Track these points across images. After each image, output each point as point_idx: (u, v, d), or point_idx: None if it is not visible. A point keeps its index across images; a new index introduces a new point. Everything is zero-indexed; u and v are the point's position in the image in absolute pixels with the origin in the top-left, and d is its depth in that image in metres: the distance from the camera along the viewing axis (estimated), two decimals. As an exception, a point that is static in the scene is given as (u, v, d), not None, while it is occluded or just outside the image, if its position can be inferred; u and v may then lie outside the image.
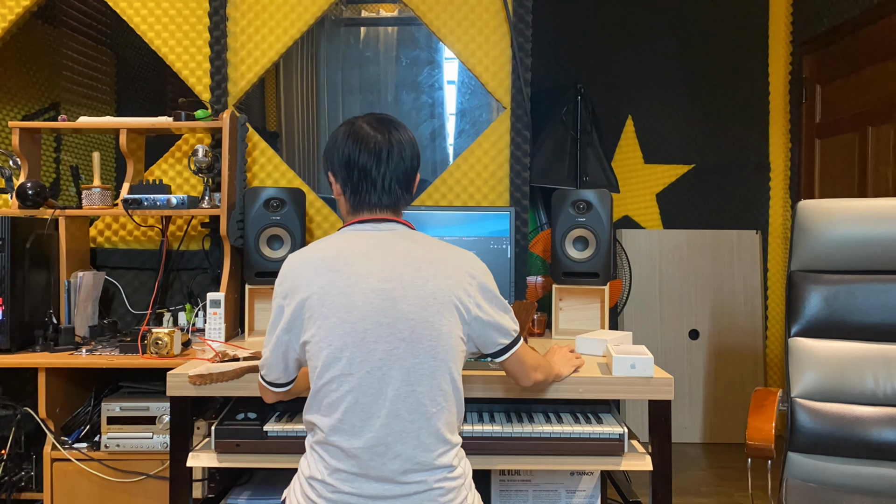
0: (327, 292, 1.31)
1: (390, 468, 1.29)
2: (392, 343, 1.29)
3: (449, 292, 1.33)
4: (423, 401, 1.30)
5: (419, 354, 1.30)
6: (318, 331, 1.30)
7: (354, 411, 1.29)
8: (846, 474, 1.87)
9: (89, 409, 2.32)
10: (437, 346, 1.31)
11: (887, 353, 1.91)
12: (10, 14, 2.67)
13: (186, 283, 2.69)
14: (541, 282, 2.61)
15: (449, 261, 1.37)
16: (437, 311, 1.31)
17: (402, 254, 1.35)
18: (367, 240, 1.37)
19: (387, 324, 1.29)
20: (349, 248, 1.35)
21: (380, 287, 1.31)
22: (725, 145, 3.83)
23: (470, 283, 1.36)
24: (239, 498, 2.09)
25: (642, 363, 1.76)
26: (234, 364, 1.83)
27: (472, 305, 1.36)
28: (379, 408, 1.29)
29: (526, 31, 2.66)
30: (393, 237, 1.38)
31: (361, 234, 1.39)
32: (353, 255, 1.34)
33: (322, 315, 1.30)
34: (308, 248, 1.40)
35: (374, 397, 1.29)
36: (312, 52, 3.87)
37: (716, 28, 3.81)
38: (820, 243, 2.00)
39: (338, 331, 1.29)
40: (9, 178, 2.51)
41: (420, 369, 1.30)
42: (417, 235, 1.42)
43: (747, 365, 3.72)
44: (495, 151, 2.70)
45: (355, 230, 1.40)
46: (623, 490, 2.11)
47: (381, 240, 1.37)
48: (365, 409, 1.29)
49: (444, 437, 1.33)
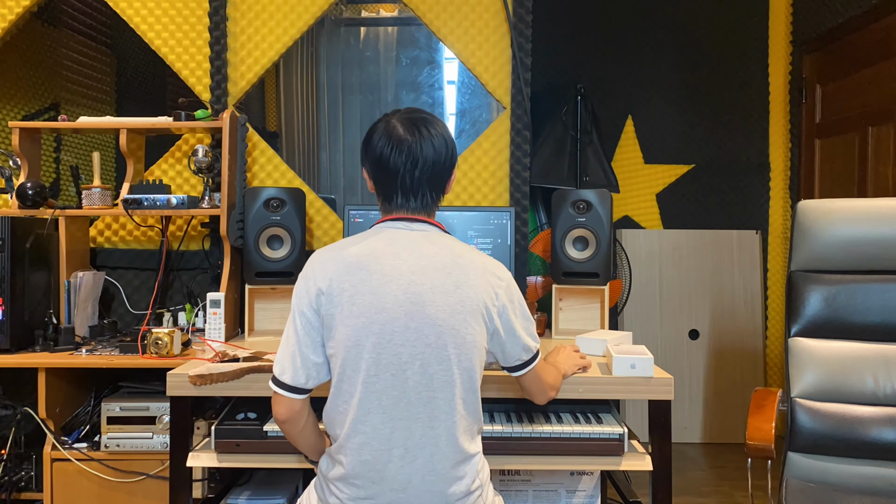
0: (358, 291, 1.29)
1: (407, 472, 1.29)
2: (418, 348, 1.28)
3: (477, 300, 1.32)
4: (442, 408, 1.29)
5: (443, 361, 1.29)
6: (346, 329, 1.29)
7: (377, 413, 1.29)
8: (846, 474, 1.87)
9: (89, 409, 2.32)
10: (461, 354, 1.30)
11: (887, 353, 1.91)
12: (10, 14, 2.67)
13: (186, 283, 2.69)
14: (541, 282, 2.61)
15: (478, 268, 1.35)
16: (465, 319, 1.30)
17: (432, 256, 1.33)
18: (399, 239, 1.36)
19: (414, 328, 1.28)
20: (381, 247, 1.34)
21: (410, 290, 1.30)
22: (725, 145, 3.83)
23: (498, 293, 1.35)
24: (239, 498, 2.09)
25: (642, 363, 1.76)
26: (234, 364, 1.83)
27: (496, 316, 1.35)
28: (400, 411, 1.29)
29: (526, 31, 2.66)
30: (424, 238, 1.37)
31: (394, 232, 1.37)
32: (384, 255, 1.32)
33: (352, 314, 1.29)
34: (339, 244, 1.38)
35: (396, 400, 1.29)
36: (312, 52, 3.87)
37: (716, 28, 3.81)
38: (820, 243, 1.99)
39: (366, 331, 1.28)
40: (9, 178, 2.51)
41: (443, 376, 1.29)
42: (448, 239, 1.40)
43: (747, 365, 3.72)
44: (495, 151, 2.70)
45: (387, 227, 1.39)
46: (623, 490, 2.11)
47: (413, 240, 1.36)
48: (386, 411, 1.29)
49: (461, 447, 1.32)
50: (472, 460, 1.35)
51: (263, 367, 1.79)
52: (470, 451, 1.34)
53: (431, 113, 1.41)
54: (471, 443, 1.35)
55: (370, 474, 1.29)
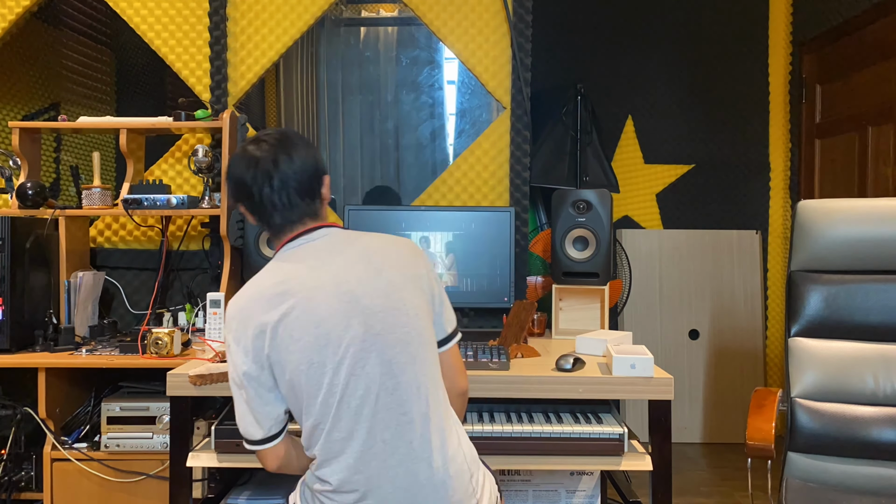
0: (290, 316, 1.26)
1: (392, 462, 1.26)
2: (367, 341, 1.27)
3: (404, 276, 1.34)
4: (409, 390, 1.28)
5: (395, 345, 1.28)
6: (294, 356, 1.25)
7: (347, 418, 1.26)
8: (846, 474, 1.87)
9: (89, 409, 2.32)
10: (410, 330, 1.30)
11: (887, 353, 1.91)
12: (10, 14, 2.67)
13: (186, 283, 2.69)
14: (541, 282, 2.61)
15: (392, 247, 1.37)
16: (400, 297, 1.31)
17: (345, 254, 1.33)
18: (306, 254, 1.33)
19: (357, 323, 1.27)
20: (293, 269, 1.31)
21: (339, 290, 1.28)
22: (725, 145, 3.83)
23: (418, 261, 1.38)
24: (239, 498, 2.09)
25: (642, 363, 1.76)
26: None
27: (427, 282, 1.38)
28: (369, 408, 1.26)
29: (526, 31, 2.66)
30: (329, 242, 1.35)
31: (297, 250, 1.35)
32: (298, 274, 1.30)
33: (293, 339, 1.25)
34: (249, 285, 1.33)
35: (363, 398, 1.26)
36: (312, 52, 3.87)
37: (716, 28, 3.81)
38: (820, 243, 1.99)
39: (313, 348, 1.25)
40: (9, 178, 2.51)
41: (400, 358, 1.28)
42: (352, 233, 1.40)
43: (747, 365, 3.72)
44: (495, 151, 2.70)
45: (290, 249, 1.36)
46: (623, 490, 2.11)
47: (320, 248, 1.34)
48: (357, 411, 1.26)
49: (440, 425, 1.30)
50: (453, 434, 1.33)
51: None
52: (447, 426, 1.32)
53: (281, 130, 1.40)
54: (447, 419, 1.33)
55: (356, 477, 1.27)
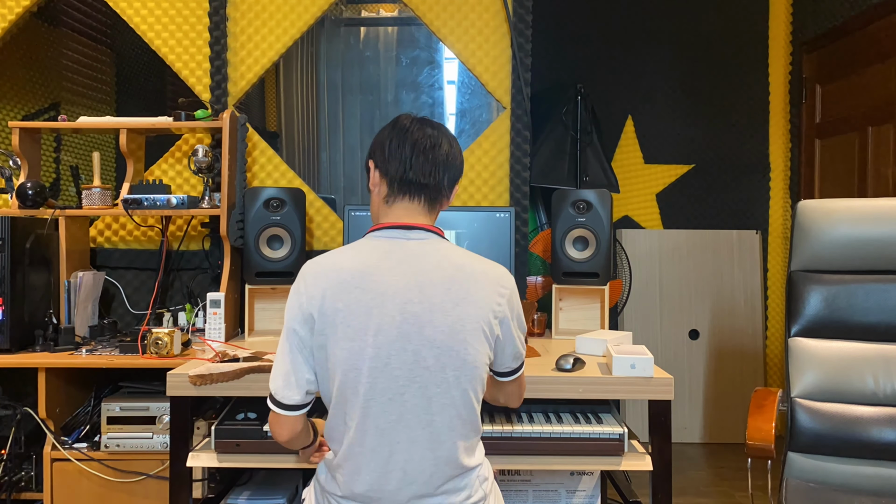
0: (352, 311, 1.24)
1: (406, 493, 1.27)
2: (415, 371, 1.24)
3: (478, 318, 1.27)
4: (442, 430, 1.26)
5: (441, 384, 1.25)
6: (342, 352, 1.24)
7: (374, 436, 1.25)
8: (846, 474, 1.87)
9: (89, 409, 2.32)
10: (461, 375, 1.26)
11: (887, 353, 1.91)
12: (10, 14, 2.67)
13: (186, 283, 2.69)
14: (541, 282, 2.61)
15: (480, 279, 1.30)
16: (464, 339, 1.25)
17: (430, 271, 1.27)
18: (394, 251, 1.29)
19: (412, 350, 1.24)
20: (375, 261, 1.27)
21: (407, 309, 1.24)
22: (725, 145, 3.83)
23: (501, 302, 1.31)
24: (239, 498, 2.09)
25: (642, 363, 1.76)
26: (234, 364, 1.83)
27: (496, 327, 1.30)
28: (398, 434, 1.25)
29: (526, 31, 2.66)
30: (422, 248, 1.30)
31: (389, 242, 1.31)
32: (379, 270, 1.26)
33: (346, 336, 1.24)
34: (332, 255, 1.31)
35: (395, 423, 1.25)
36: (312, 52, 3.87)
37: (716, 28, 3.81)
38: (820, 243, 1.99)
39: (362, 354, 1.23)
40: (9, 178, 2.51)
41: (441, 399, 1.25)
42: (448, 248, 1.33)
43: (747, 365, 3.72)
44: (495, 151, 2.70)
45: (382, 237, 1.32)
46: (623, 490, 2.11)
47: (410, 252, 1.29)
48: (384, 434, 1.25)
49: (461, 463, 1.30)
50: (472, 473, 1.33)
51: (263, 367, 1.79)
52: (470, 465, 1.32)
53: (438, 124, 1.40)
54: (471, 458, 1.33)
55: (369, 493, 1.27)
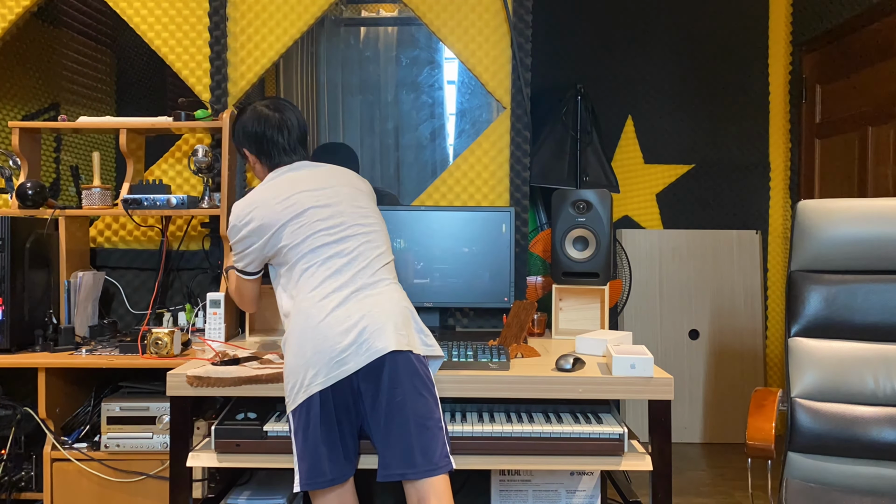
0: (299, 201, 1.74)
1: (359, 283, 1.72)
2: (354, 218, 1.78)
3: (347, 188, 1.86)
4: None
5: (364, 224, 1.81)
6: (307, 215, 1.73)
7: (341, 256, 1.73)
8: (846, 474, 1.87)
9: (89, 409, 2.32)
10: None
11: (887, 353, 1.91)
12: (10, 14, 2.67)
13: (186, 283, 2.69)
14: (541, 282, 2.61)
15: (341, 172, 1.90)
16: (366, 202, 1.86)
17: (325, 172, 1.85)
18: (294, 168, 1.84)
19: (347, 203, 1.80)
20: (288, 173, 1.82)
21: (316, 187, 1.80)
22: (725, 145, 3.83)
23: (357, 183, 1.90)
24: (239, 498, 2.09)
25: (642, 363, 1.76)
26: (234, 369, 1.82)
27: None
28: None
29: (526, 31, 2.66)
30: (309, 166, 1.86)
31: (287, 167, 1.85)
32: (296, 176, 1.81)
33: (305, 205, 1.74)
34: (254, 191, 1.79)
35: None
36: (312, 52, 3.87)
37: (716, 28, 3.81)
38: (820, 243, 1.99)
39: (328, 210, 1.75)
40: (9, 178, 2.51)
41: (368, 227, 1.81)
42: (319, 164, 1.89)
43: (747, 365, 3.72)
44: (495, 151, 2.70)
45: (277, 173, 1.84)
46: (623, 490, 2.11)
47: (302, 166, 1.86)
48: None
49: None
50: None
51: (261, 377, 1.78)
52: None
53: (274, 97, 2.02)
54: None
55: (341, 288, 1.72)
